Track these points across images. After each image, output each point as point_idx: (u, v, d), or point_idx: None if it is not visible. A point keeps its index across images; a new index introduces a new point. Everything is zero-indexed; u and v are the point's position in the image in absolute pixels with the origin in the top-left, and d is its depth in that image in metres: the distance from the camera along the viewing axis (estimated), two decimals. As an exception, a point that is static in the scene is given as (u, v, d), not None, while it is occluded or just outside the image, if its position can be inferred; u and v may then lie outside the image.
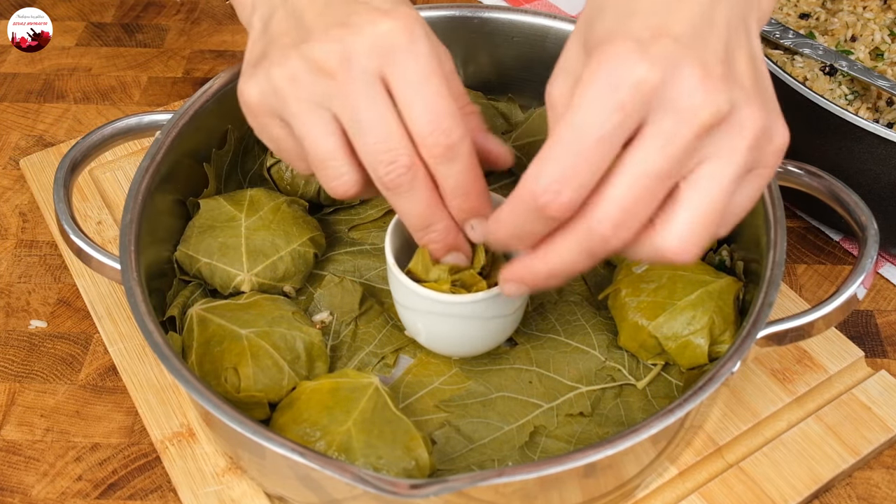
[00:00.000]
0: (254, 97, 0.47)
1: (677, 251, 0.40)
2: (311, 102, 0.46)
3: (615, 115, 0.38)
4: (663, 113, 0.38)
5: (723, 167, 0.39)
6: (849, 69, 0.67)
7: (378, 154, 0.45)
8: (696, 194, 0.39)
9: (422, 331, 0.57)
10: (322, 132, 0.46)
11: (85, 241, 0.54)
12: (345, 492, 0.47)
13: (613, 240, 0.40)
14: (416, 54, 0.45)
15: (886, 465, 0.58)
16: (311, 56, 0.45)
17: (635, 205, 0.39)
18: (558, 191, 0.39)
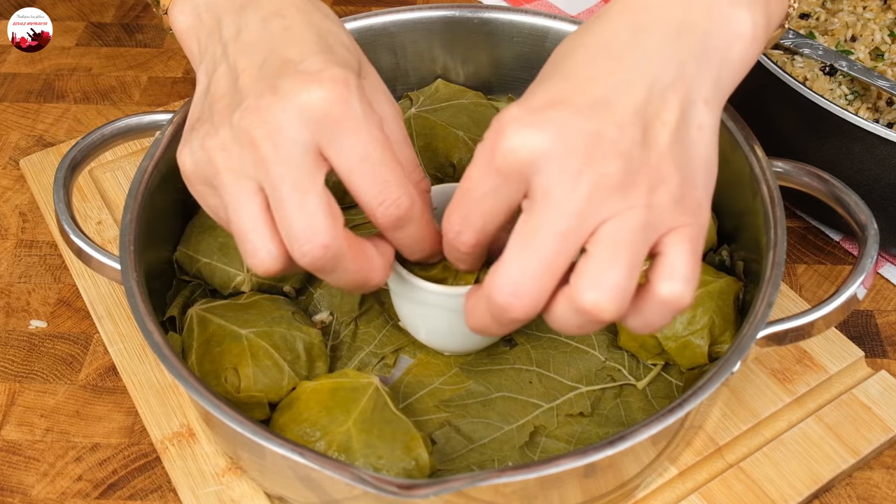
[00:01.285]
0: (188, 165, 0.46)
1: (593, 299, 0.38)
2: (238, 174, 0.43)
3: (490, 179, 0.41)
4: (545, 179, 0.39)
5: (621, 223, 0.39)
6: (849, 69, 0.67)
7: (300, 243, 0.42)
8: (599, 249, 0.39)
9: (416, 321, 0.57)
10: (245, 205, 0.43)
11: (85, 241, 0.54)
12: (345, 492, 0.47)
13: (515, 307, 0.40)
14: (352, 125, 0.43)
15: (886, 465, 0.58)
16: (240, 126, 0.43)
17: (532, 268, 0.39)
18: (460, 231, 0.44)
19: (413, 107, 0.70)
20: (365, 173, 0.44)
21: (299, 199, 0.42)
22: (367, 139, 0.43)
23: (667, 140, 0.40)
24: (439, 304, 0.54)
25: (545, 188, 0.39)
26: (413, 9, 0.68)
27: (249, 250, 0.44)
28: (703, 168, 0.41)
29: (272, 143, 0.42)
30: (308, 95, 0.43)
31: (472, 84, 0.73)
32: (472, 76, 0.73)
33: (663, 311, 0.40)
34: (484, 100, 0.72)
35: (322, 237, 0.42)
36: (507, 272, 0.40)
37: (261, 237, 0.44)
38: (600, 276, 0.38)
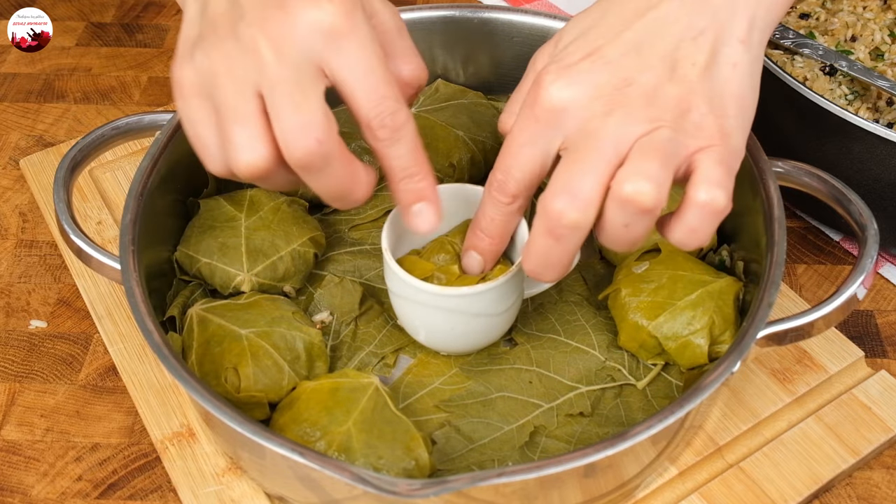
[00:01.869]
0: (188, 76, 0.46)
1: (634, 187, 0.43)
2: (239, 79, 0.44)
3: (530, 128, 0.46)
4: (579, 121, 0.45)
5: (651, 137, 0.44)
6: (849, 69, 0.67)
7: (295, 135, 0.44)
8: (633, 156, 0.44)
9: (415, 322, 0.57)
10: (241, 103, 0.44)
11: (85, 241, 0.54)
12: (345, 492, 0.47)
13: (569, 212, 0.44)
14: (357, 40, 0.45)
15: (886, 465, 0.58)
16: (245, 37, 0.44)
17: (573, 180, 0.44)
18: (504, 180, 0.48)
19: (413, 107, 0.70)
20: (367, 86, 0.45)
21: (299, 98, 0.44)
22: (370, 53, 0.45)
23: (695, 77, 0.45)
24: (439, 305, 0.54)
25: (580, 127, 0.45)
26: (413, 9, 0.68)
27: (239, 145, 0.44)
28: (735, 101, 0.45)
29: (276, 51, 0.44)
30: (316, 10, 0.44)
31: (472, 84, 0.73)
32: (472, 76, 0.73)
33: (703, 216, 0.44)
34: (484, 100, 0.72)
35: (317, 132, 0.44)
36: (558, 183, 0.44)
37: (254, 133, 0.44)
38: (636, 169, 0.43)
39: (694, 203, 0.44)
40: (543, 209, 0.45)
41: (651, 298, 0.57)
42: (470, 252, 0.54)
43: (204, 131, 0.46)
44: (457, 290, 0.53)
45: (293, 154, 0.44)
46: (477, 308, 0.54)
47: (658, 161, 0.43)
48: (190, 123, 0.47)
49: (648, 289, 0.57)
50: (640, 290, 0.57)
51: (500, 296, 0.54)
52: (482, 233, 0.52)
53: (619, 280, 0.59)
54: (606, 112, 0.44)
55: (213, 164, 0.47)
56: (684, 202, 0.45)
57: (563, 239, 0.45)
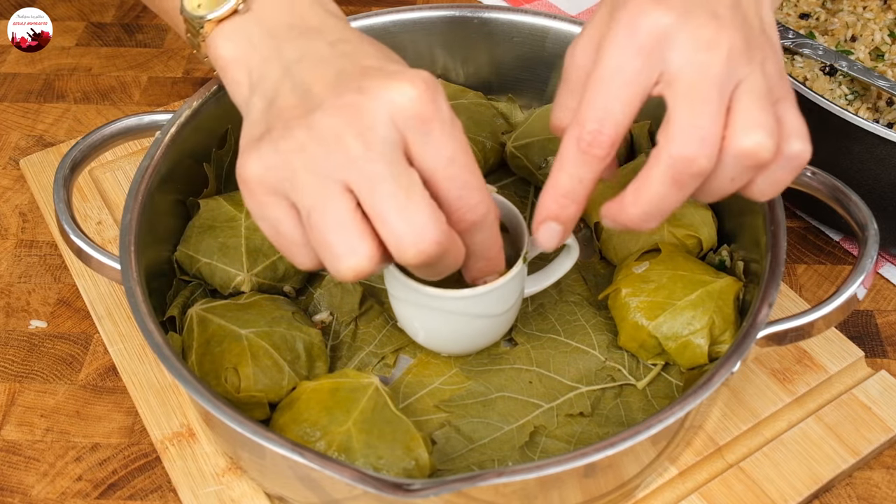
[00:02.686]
0: (255, 172, 0.43)
1: (755, 140, 0.42)
2: (322, 175, 0.41)
3: (634, 60, 0.43)
4: (684, 51, 0.42)
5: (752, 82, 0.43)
6: (849, 69, 0.67)
7: (410, 240, 0.41)
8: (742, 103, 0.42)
9: (415, 323, 0.57)
10: (334, 205, 0.41)
11: (85, 241, 0.54)
12: (345, 492, 0.47)
13: (700, 159, 0.42)
14: (444, 126, 0.43)
15: (886, 465, 0.58)
16: (324, 125, 0.41)
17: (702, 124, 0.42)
18: (599, 130, 0.43)
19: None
20: (450, 176, 0.43)
21: (403, 199, 0.41)
22: (455, 141, 0.43)
23: (758, 24, 0.45)
24: (439, 307, 0.54)
25: (689, 59, 0.42)
26: (413, 9, 0.68)
27: (341, 252, 0.41)
28: (780, 55, 0.46)
29: (363, 141, 0.41)
30: (398, 95, 0.42)
31: (472, 84, 0.73)
32: (472, 76, 0.73)
33: (791, 168, 0.44)
34: (484, 100, 0.72)
35: (435, 234, 0.41)
36: (682, 125, 0.42)
37: (355, 236, 0.41)
38: (754, 120, 0.42)
39: (783, 156, 0.44)
40: (670, 154, 0.42)
41: (651, 298, 0.57)
42: (549, 224, 0.48)
43: (287, 230, 0.43)
44: (457, 292, 0.52)
45: (409, 258, 0.42)
46: (478, 310, 0.54)
47: (768, 108, 0.42)
48: (267, 222, 0.44)
49: (648, 289, 0.57)
50: (640, 290, 0.57)
51: (501, 297, 0.54)
52: (567, 199, 0.46)
53: (619, 280, 0.59)
54: (713, 44, 0.42)
55: (303, 261, 0.44)
56: (776, 155, 0.44)
57: (685, 187, 0.43)
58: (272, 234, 0.45)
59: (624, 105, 0.43)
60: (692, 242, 0.62)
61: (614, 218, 0.46)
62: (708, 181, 0.44)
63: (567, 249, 0.58)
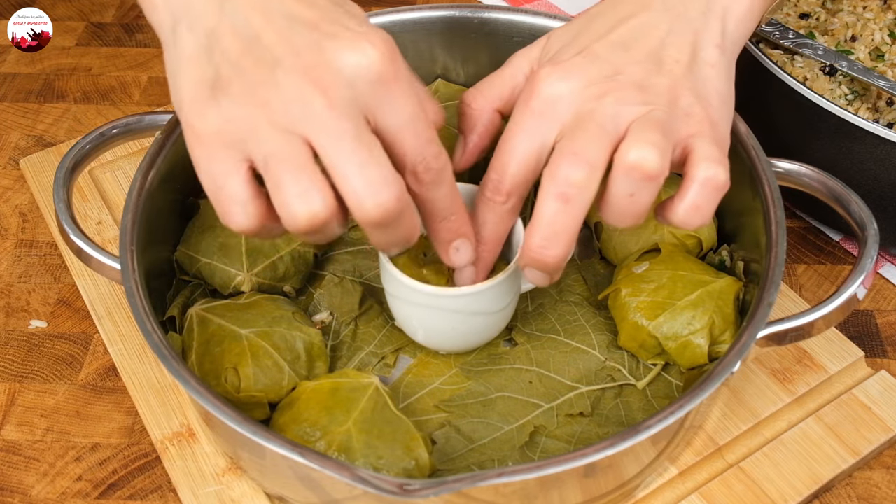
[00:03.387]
0: (213, 124, 0.43)
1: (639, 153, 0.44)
2: (284, 128, 0.42)
3: (527, 121, 0.48)
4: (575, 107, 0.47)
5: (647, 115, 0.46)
6: (849, 69, 0.67)
7: (369, 194, 0.42)
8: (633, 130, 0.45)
9: (413, 323, 0.57)
10: (293, 152, 0.42)
11: (85, 241, 0.54)
12: (345, 492, 0.47)
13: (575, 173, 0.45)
14: (403, 87, 0.44)
15: (886, 465, 0.58)
16: (287, 83, 0.42)
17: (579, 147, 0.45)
18: (498, 179, 0.49)
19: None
20: (413, 133, 0.45)
21: (365, 154, 0.42)
22: (414, 99, 0.45)
23: (681, 72, 0.48)
24: (437, 305, 0.54)
25: (576, 111, 0.46)
26: (413, 9, 0.68)
27: (298, 193, 0.42)
28: (717, 96, 0.48)
29: (326, 100, 0.42)
30: (360, 56, 0.43)
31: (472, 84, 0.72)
32: (472, 76, 0.73)
33: (706, 192, 0.46)
34: (484, 100, 0.72)
35: (396, 189, 0.42)
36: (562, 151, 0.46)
37: (313, 182, 0.42)
38: (639, 138, 0.44)
39: (696, 180, 0.45)
40: (550, 175, 0.45)
41: (651, 298, 0.57)
42: (465, 270, 0.52)
43: (232, 185, 0.43)
44: (455, 290, 0.53)
45: (368, 213, 0.42)
46: (475, 307, 0.54)
47: (659, 132, 0.45)
48: (210, 176, 0.44)
49: (648, 289, 0.57)
50: (640, 290, 0.57)
51: (498, 294, 0.54)
52: (483, 244, 0.51)
53: (619, 280, 0.59)
54: (601, 95, 0.46)
55: (240, 221, 0.44)
56: (686, 181, 0.46)
57: (571, 201, 0.45)
58: (213, 189, 0.44)
59: (519, 158, 0.48)
60: (692, 242, 0.62)
61: (524, 258, 0.48)
62: (608, 202, 0.46)
63: None
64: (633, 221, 0.47)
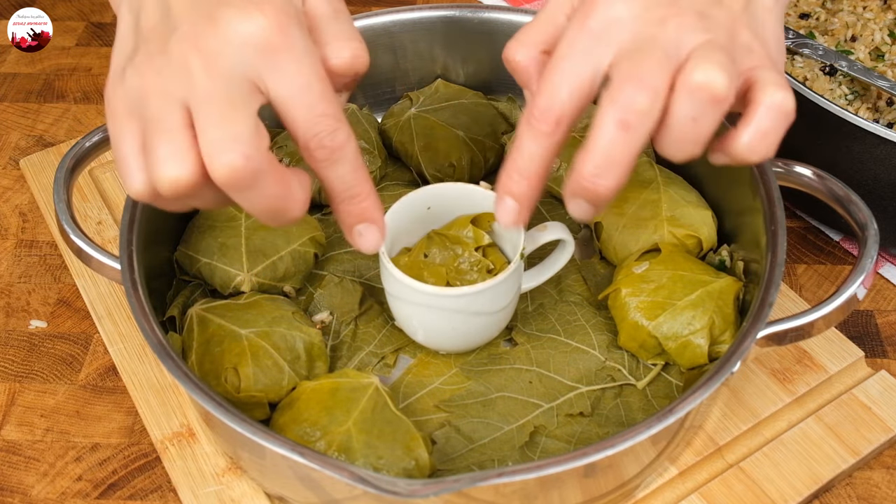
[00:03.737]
0: (118, 96, 0.44)
1: (706, 74, 0.42)
2: (166, 94, 0.42)
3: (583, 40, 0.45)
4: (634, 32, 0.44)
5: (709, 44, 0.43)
6: (849, 69, 0.67)
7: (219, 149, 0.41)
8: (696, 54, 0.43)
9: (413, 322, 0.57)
10: (167, 116, 0.42)
11: (85, 241, 0.54)
12: (345, 492, 0.47)
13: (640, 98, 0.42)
14: (293, 55, 0.43)
15: (886, 465, 0.58)
16: (175, 52, 0.42)
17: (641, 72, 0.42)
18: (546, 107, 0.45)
19: (413, 107, 0.70)
20: (304, 104, 0.43)
21: (227, 111, 0.41)
22: (307, 70, 0.43)
23: (739, 9, 0.45)
24: (436, 305, 0.54)
25: (635, 35, 0.43)
26: (413, 9, 0.68)
27: (162, 157, 0.41)
28: (773, 36, 0.47)
29: (206, 65, 0.42)
30: (248, 24, 0.42)
31: (472, 84, 0.73)
32: (472, 76, 0.73)
33: (776, 117, 0.44)
34: (484, 100, 0.72)
35: (245, 147, 0.41)
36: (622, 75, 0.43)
37: (176, 145, 0.41)
38: (706, 59, 0.42)
39: (764, 104, 0.43)
40: (611, 99, 0.43)
41: (651, 298, 0.57)
42: (504, 199, 0.48)
43: (126, 149, 0.43)
44: (455, 290, 0.53)
45: (217, 170, 0.41)
46: (476, 307, 0.54)
47: (725, 55, 0.43)
48: (115, 142, 0.44)
49: (648, 289, 0.57)
50: (640, 290, 0.57)
51: (498, 294, 0.54)
52: (519, 174, 0.47)
53: (619, 280, 0.59)
54: (662, 21, 0.43)
55: (132, 182, 0.43)
56: (752, 107, 0.44)
57: (631, 129, 0.43)
58: (116, 155, 0.44)
59: (570, 85, 0.44)
60: (692, 242, 0.62)
61: (572, 188, 0.45)
62: (669, 126, 0.43)
63: (562, 244, 0.58)
64: (691, 151, 0.44)
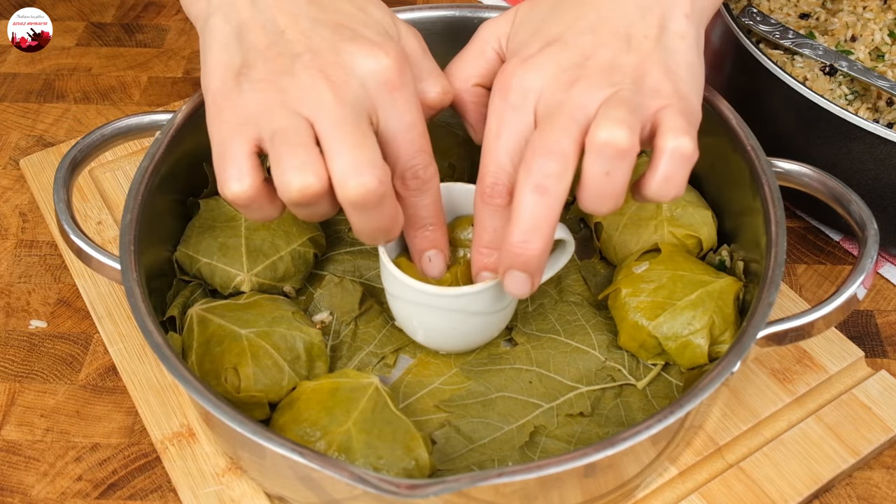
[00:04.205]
0: (232, 104, 0.47)
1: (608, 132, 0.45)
2: (294, 110, 0.46)
3: (505, 114, 0.49)
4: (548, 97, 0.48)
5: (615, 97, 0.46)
6: (849, 69, 0.67)
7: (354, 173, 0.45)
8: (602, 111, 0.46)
9: (413, 322, 0.57)
10: (295, 130, 0.45)
11: (85, 241, 0.54)
12: (345, 492, 0.47)
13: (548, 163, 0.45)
14: (406, 96, 0.48)
15: (886, 465, 0.58)
16: (303, 76, 0.46)
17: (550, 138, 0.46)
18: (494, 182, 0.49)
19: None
20: (407, 139, 0.49)
21: (359, 138, 0.45)
22: (415, 109, 0.49)
23: (649, 47, 0.48)
24: (437, 305, 0.54)
25: (547, 101, 0.48)
26: (413, 9, 0.68)
27: (293, 165, 0.44)
28: (686, 68, 0.49)
29: (335, 94, 0.46)
30: (373, 61, 0.47)
31: (472, 84, 0.73)
32: (472, 76, 0.73)
33: (675, 162, 0.46)
34: (484, 100, 0.72)
35: (379, 172, 0.45)
36: (535, 146, 0.46)
37: (308, 156, 0.45)
38: (607, 117, 0.45)
39: (664, 151, 0.46)
40: (526, 170, 0.46)
41: (651, 298, 0.57)
42: (483, 274, 0.53)
43: (235, 153, 0.46)
44: (455, 290, 0.53)
45: (350, 192, 0.45)
46: (475, 307, 0.54)
47: (625, 109, 0.45)
48: (221, 142, 0.47)
49: (648, 289, 0.57)
50: (640, 290, 0.57)
51: (498, 294, 0.54)
52: (489, 248, 0.51)
53: (619, 280, 0.59)
54: (570, 83, 0.47)
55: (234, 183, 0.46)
56: (655, 154, 0.47)
57: (548, 193, 0.46)
58: (218, 154, 0.47)
59: (511, 152, 0.49)
60: (692, 242, 0.62)
61: (503, 262, 0.48)
62: (585, 185, 0.46)
63: (562, 245, 0.58)
64: (612, 204, 0.47)
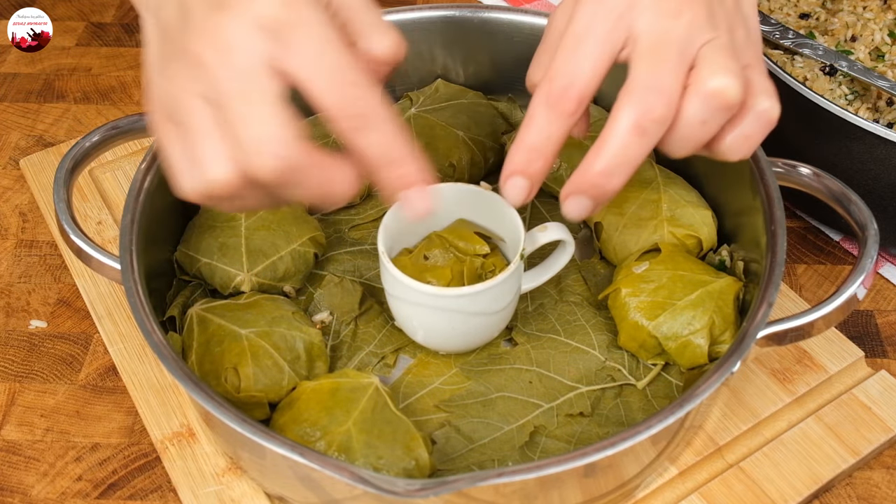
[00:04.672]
0: (154, 102, 0.44)
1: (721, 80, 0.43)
2: (190, 95, 0.41)
3: (601, 24, 0.45)
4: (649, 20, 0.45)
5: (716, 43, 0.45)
6: (849, 69, 0.67)
7: (251, 153, 0.40)
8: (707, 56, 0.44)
9: (413, 322, 0.57)
10: (198, 118, 0.41)
11: (85, 241, 0.54)
12: (345, 492, 0.47)
13: (658, 107, 0.44)
14: (305, 29, 0.41)
15: (886, 465, 0.58)
16: (191, 49, 0.41)
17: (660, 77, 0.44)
18: (567, 85, 0.45)
19: (413, 107, 0.70)
20: (324, 76, 0.41)
21: (249, 111, 0.40)
22: (322, 40, 0.41)
23: (733, 7, 0.47)
24: (437, 306, 0.54)
25: (651, 25, 0.45)
26: (413, 9, 0.68)
27: (203, 161, 0.41)
28: (756, 31, 0.49)
29: (220, 61, 0.41)
30: (255, 6, 0.41)
31: (473, 84, 0.73)
32: (472, 76, 0.73)
33: (760, 124, 0.46)
34: (484, 100, 0.72)
35: (274, 146, 0.40)
36: (640, 79, 0.44)
37: (209, 145, 0.41)
38: (719, 65, 0.44)
39: (754, 112, 0.45)
40: (630, 104, 0.44)
41: (651, 298, 0.57)
42: (515, 178, 0.47)
43: (170, 154, 0.43)
44: (455, 290, 0.53)
45: (255, 174, 0.40)
46: (476, 307, 0.54)
47: (735, 60, 0.44)
48: (161, 148, 0.44)
49: (648, 289, 0.57)
50: (640, 290, 0.57)
51: (498, 294, 0.54)
52: (535, 153, 0.46)
53: (619, 280, 0.59)
54: (677, 13, 0.45)
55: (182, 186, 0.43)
56: (742, 111, 0.46)
57: (647, 134, 0.44)
58: (165, 160, 0.44)
59: (592, 63, 0.45)
60: (692, 242, 0.62)
61: (577, 184, 0.45)
62: (677, 128, 0.45)
63: (562, 245, 0.58)
64: (692, 149, 0.46)
